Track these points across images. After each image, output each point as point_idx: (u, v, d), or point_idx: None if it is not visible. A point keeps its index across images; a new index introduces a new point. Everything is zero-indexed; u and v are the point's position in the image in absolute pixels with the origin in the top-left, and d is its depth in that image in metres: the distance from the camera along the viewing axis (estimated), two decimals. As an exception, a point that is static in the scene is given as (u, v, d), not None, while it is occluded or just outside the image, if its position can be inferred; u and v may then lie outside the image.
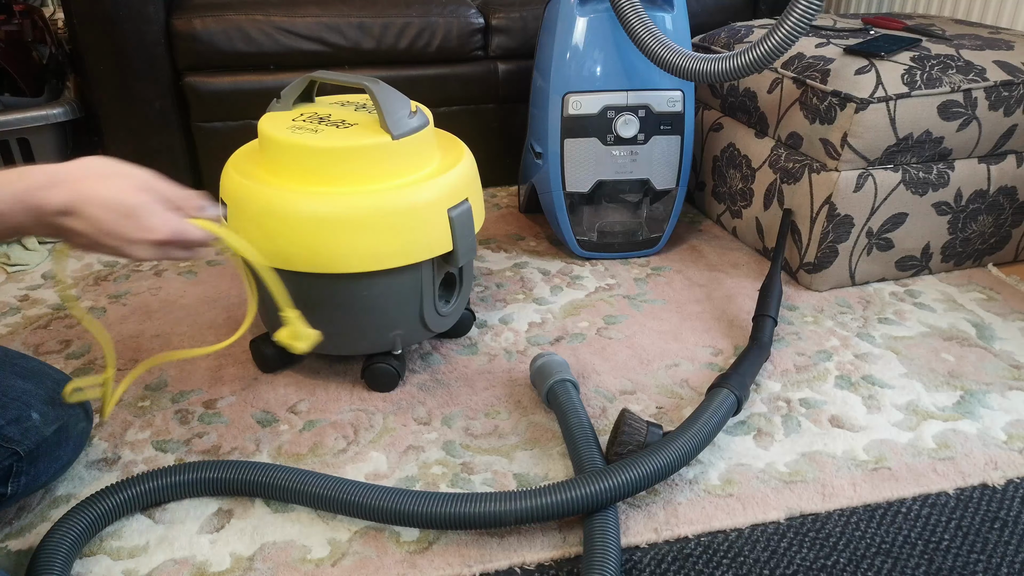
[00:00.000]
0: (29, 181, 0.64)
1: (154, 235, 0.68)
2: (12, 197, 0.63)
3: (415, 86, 1.55)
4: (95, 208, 0.65)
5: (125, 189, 0.67)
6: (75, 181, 0.65)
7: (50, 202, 0.64)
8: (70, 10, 1.41)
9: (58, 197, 0.64)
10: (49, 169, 0.65)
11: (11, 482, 0.77)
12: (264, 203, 0.91)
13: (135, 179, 0.68)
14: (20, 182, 0.63)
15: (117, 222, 0.66)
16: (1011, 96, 1.21)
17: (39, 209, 0.64)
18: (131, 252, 0.68)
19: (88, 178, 0.66)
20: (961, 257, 1.35)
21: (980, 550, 0.79)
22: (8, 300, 1.26)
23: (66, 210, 0.64)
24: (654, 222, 1.41)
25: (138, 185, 0.68)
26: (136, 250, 0.68)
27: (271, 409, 1.00)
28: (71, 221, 0.65)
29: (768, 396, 1.03)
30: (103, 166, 0.68)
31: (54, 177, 0.65)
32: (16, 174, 0.64)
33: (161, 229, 0.68)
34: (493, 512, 0.77)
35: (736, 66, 1.11)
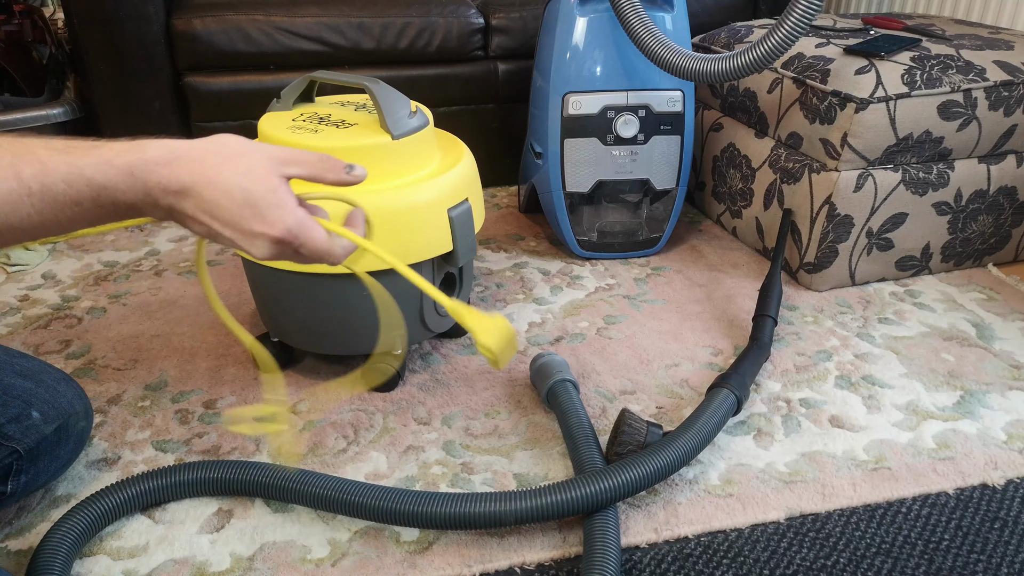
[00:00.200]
0: (146, 154, 0.55)
1: (273, 231, 0.58)
2: (126, 170, 0.54)
3: (415, 86, 1.55)
4: (214, 192, 0.56)
5: (250, 171, 0.57)
6: (197, 160, 0.56)
7: (166, 180, 0.55)
8: (70, 10, 1.41)
9: (175, 176, 0.55)
10: (170, 144, 0.57)
11: (11, 481, 0.77)
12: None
13: (265, 158, 0.59)
14: (135, 154, 0.55)
15: (236, 211, 0.57)
16: (1011, 96, 1.21)
17: (154, 187, 0.55)
18: (249, 248, 0.59)
19: (209, 157, 0.57)
20: (961, 257, 1.35)
21: (980, 550, 0.79)
22: (8, 300, 1.26)
23: (182, 191, 0.56)
24: (654, 222, 1.41)
25: (268, 166, 0.58)
26: (254, 247, 0.59)
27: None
28: (186, 204, 0.56)
29: (768, 396, 1.03)
30: (231, 143, 0.59)
31: (174, 152, 0.56)
32: (133, 146, 0.56)
33: (280, 224, 0.58)
34: (493, 512, 0.76)
35: (736, 66, 1.11)
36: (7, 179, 0.51)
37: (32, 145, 0.53)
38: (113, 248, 1.45)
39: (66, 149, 0.53)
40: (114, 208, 0.56)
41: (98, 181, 0.54)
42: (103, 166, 0.54)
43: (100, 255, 1.42)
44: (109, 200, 0.55)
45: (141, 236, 1.50)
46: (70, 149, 0.54)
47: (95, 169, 0.53)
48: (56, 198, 0.53)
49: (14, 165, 0.51)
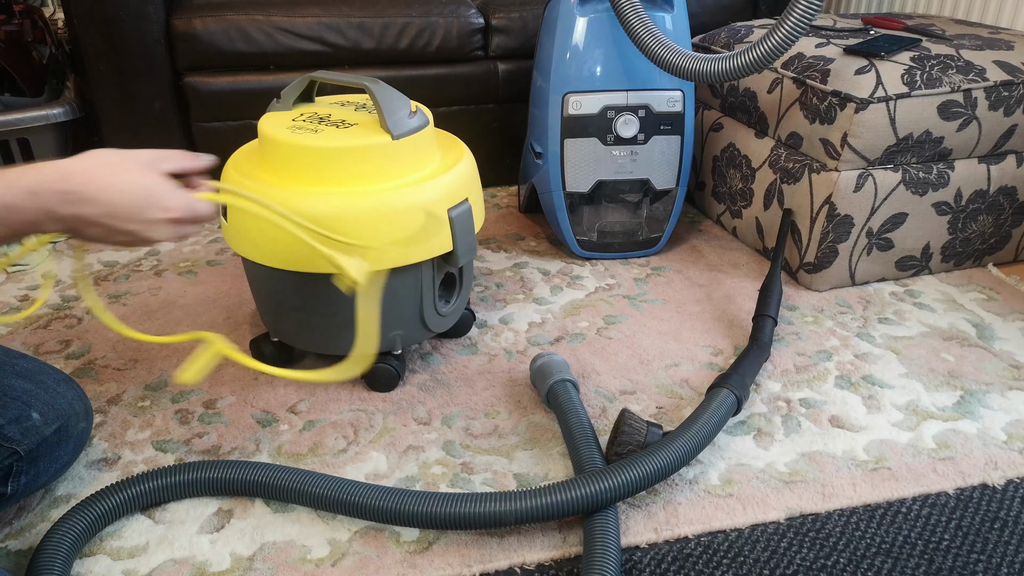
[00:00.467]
0: (42, 174, 0.63)
1: (170, 214, 0.68)
2: (25, 191, 0.62)
3: (415, 86, 1.55)
4: (111, 194, 0.65)
5: (134, 172, 0.67)
6: (86, 172, 0.65)
7: (64, 194, 0.64)
8: (70, 10, 1.41)
9: (72, 188, 0.64)
10: (59, 163, 0.65)
11: (11, 482, 0.77)
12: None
13: (141, 162, 0.69)
14: (31, 176, 0.63)
15: (133, 206, 0.66)
16: (1011, 96, 1.21)
17: (54, 201, 0.63)
18: (150, 235, 0.68)
19: (97, 168, 0.66)
20: (961, 257, 1.35)
21: (980, 550, 0.79)
22: (8, 300, 1.26)
23: (80, 200, 0.64)
24: (654, 222, 1.41)
25: (145, 166, 0.69)
26: (155, 232, 0.68)
27: (271, 409, 1.00)
28: (87, 211, 0.65)
29: (768, 396, 1.03)
30: (109, 155, 0.68)
31: (65, 170, 0.64)
32: (26, 169, 0.64)
33: (176, 207, 0.69)
34: (493, 512, 0.77)
35: (736, 66, 1.11)
36: None
37: None
38: (113, 248, 1.45)
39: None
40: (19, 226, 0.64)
41: (6, 202, 0.62)
42: (8, 188, 0.62)
43: (100, 255, 1.42)
44: (16, 219, 0.63)
45: (141, 236, 1.50)
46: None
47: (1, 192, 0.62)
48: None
49: None
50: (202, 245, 1.46)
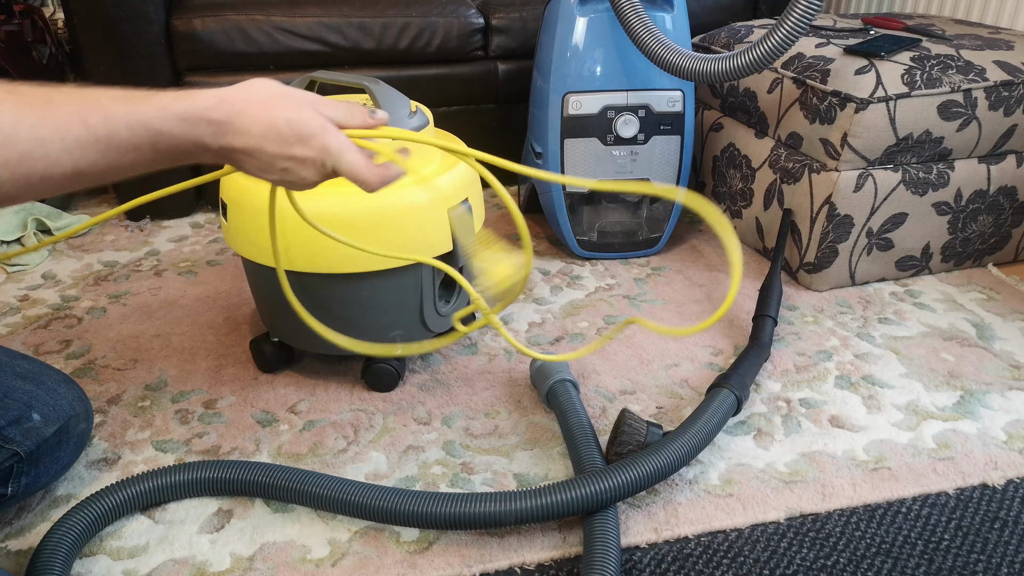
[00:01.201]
0: (196, 101, 0.60)
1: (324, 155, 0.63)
2: (180, 115, 0.59)
3: (415, 86, 1.55)
4: (261, 127, 0.61)
5: (294, 108, 0.63)
6: (242, 100, 0.61)
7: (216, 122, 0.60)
8: (70, 10, 1.41)
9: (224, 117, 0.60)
10: (217, 91, 0.61)
11: (12, 483, 0.77)
12: (264, 203, 0.91)
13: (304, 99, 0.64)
14: (187, 100, 0.59)
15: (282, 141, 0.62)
16: (1011, 96, 1.21)
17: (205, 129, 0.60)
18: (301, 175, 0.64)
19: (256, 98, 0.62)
20: (961, 257, 1.35)
21: (980, 550, 0.79)
22: (8, 300, 1.26)
23: (231, 130, 0.61)
24: (654, 222, 1.41)
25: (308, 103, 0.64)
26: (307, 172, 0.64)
27: (271, 409, 1.00)
28: (236, 141, 0.61)
29: (768, 396, 1.03)
30: (271, 86, 0.64)
31: (220, 97, 0.61)
32: (184, 94, 0.60)
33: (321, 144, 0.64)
34: (493, 512, 0.76)
35: (736, 66, 1.11)
36: (76, 126, 0.54)
37: (96, 95, 0.56)
38: (113, 248, 1.45)
39: (126, 98, 0.57)
40: (169, 153, 0.60)
41: (155, 127, 0.58)
42: (160, 112, 0.58)
43: (100, 255, 1.42)
44: (165, 145, 0.59)
45: (141, 236, 1.50)
46: (129, 98, 0.57)
47: (153, 115, 0.57)
48: (119, 144, 0.56)
49: (81, 113, 0.55)
50: (202, 245, 1.46)
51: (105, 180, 0.58)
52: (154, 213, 1.56)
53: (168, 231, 1.52)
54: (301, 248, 0.91)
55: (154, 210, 1.55)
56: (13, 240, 1.42)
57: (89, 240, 1.48)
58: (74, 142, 0.54)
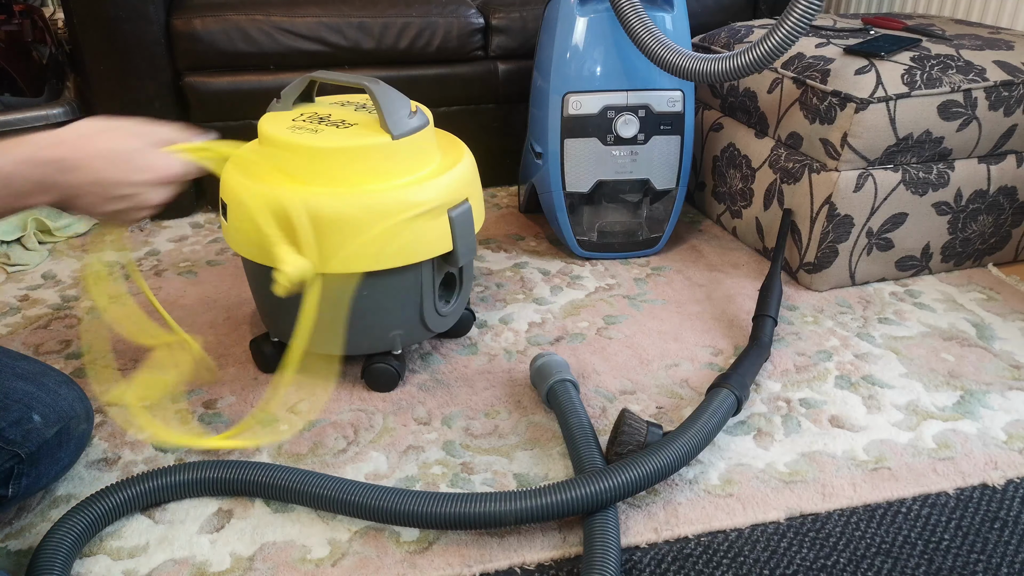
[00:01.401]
0: (35, 144, 0.66)
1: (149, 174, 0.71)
2: (22, 160, 0.64)
3: (415, 86, 1.55)
4: (96, 160, 0.68)
5: (120, 138, 0.70)
6: (75, 139, 0.68)
7: (57, 160, 0.66)
8: (70, 10, 1.41)
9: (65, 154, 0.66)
10: (53, 132, 0.67)
11: (12, 484, 0.77)
12: (264, 203, 0.91)
13: (126, 128, 0.72)
14: (26, 145, 0.65)
15: (116, 169, 0.69)
16: (1011, 96, 1.21)
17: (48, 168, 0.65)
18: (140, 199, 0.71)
19: (86, 136, 0.69)
20: (961, 257, 1.35)
21: (980, 550, 0.79)
22: (8, 300, 1.26)
23: (72, 167, 0.66)
24: (654, 222, 1.41)
25: (132, 133, 0.72)
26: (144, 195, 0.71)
27: (271, 410, 1.00)
28: (78, 177, 0.67)
29: (768, 396, 1.03)
30: (96, 124, 0.71)
31: (57, 137, 0.67)
32: (21, 139, 0.66)
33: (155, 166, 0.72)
34: (493, 512, 0.77)
35: (736, 66, 1.11)
36: None
37: None
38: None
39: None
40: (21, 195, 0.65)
41: (7, 171, 0.63)
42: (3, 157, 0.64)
43: (100, 255, 1.42)
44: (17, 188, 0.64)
45: (141, 236, 1.50)
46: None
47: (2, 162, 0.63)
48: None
49: None
50: (202, 245, 1.46)
51: None
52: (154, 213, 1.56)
53: (168, 231, 1.52)
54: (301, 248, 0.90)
55: (154, 210, 1.55)
56: (13, 240, 1.42)
57: (89, 240, 1.48)
58: None
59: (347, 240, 0.90)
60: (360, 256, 0.91)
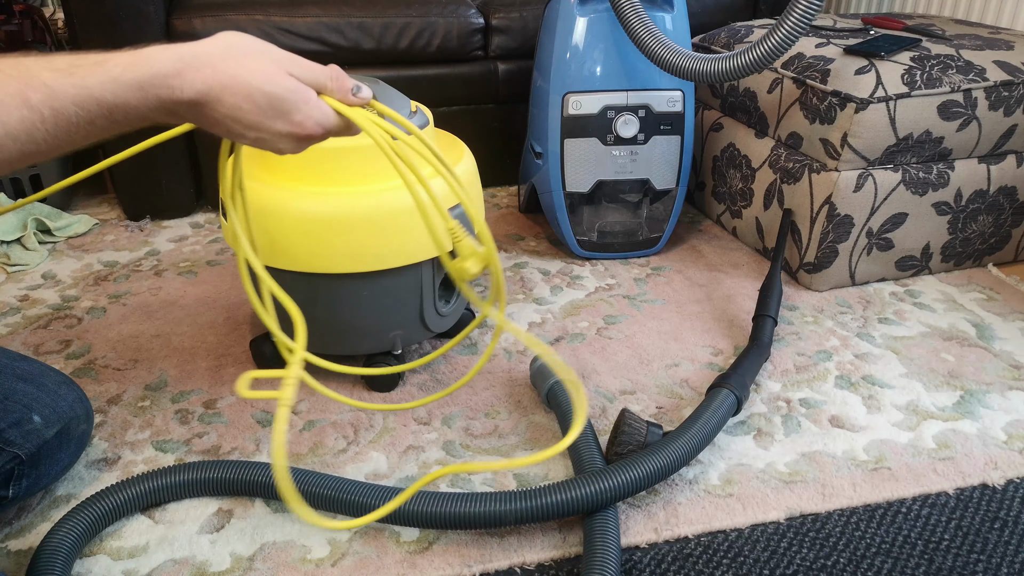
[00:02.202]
0: (153, 67, 0.54)
1: (301, 129, 0.59)
2: (135, 85, 0.53)
3: (415, 86, 1.55)
4: (234, 97, 0.56)
5: (271, 74, 0.57)
6: (210, 65, 0.55)
7: (183, 92, 0.54)
8: (70, 10, 1.41)
9: (189, 86, 0.55)
10: (176, 51, 0.55)
11: (12, 485, 0.77)
12: (264, 203, 0.91)
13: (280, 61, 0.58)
14: (142, 68, 0.53)
15: (260, 113, 0.57)
16: (1011, 96, 1.21)
17: (167, 99, 0.54)
18: (277, 145, 0.60)
19: (226, 60, 0.56)
20: (961, 257, 1.35)
21: (980, 550, 0.79)
22: (8, 300, 1.26)
23: (198, 100, 0.55)
24: (654, 222, 1.41)
25: (285, 68, 0.58)
26: (281, 143, 0.60)
27: (271, 409, 1.00)
28: (206, 111, 0.56)
29: (768, 396, 1.03)
30: (242, 45, 0.57)
31: (182, 60, 0.55)
32: (138, 58, 0.54)
33: (307, 124, 0.59)
34: (493, 512, 0.77)
35: (736, 66, 1.11)
36: (18, 107, 0.49)
37: (35, 68, 0.51)
38: (113, 248, 1.45)
39: (70, 70, 0.52)
40: (128, 121, 0.55)
41: (108, 100, 0.52)
42: (111, 84, 0.52)
43: (100, 255, 1.42)
44: (122, 116, 0.54)
45: (141, 236, 1.50)
46: (74, 69, 0.52)
47: (103, 88, 0.52)
48: (69, 120, 0.52)
49: (22, 92, 0.50)
50: (202, 245, 1.46)
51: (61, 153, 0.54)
52: (154, 213, 1.56)
53: (168, 231, 1.52)
54: (302, 248, 0.91)
55: (154, 210, 1.55)
56: (13, 240, 1.42)
57: (89, 240, 1.48)
58: (18, 125, 0.49)
59: (347, 240, 0.90)
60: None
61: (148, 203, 1.54)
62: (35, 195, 0.84)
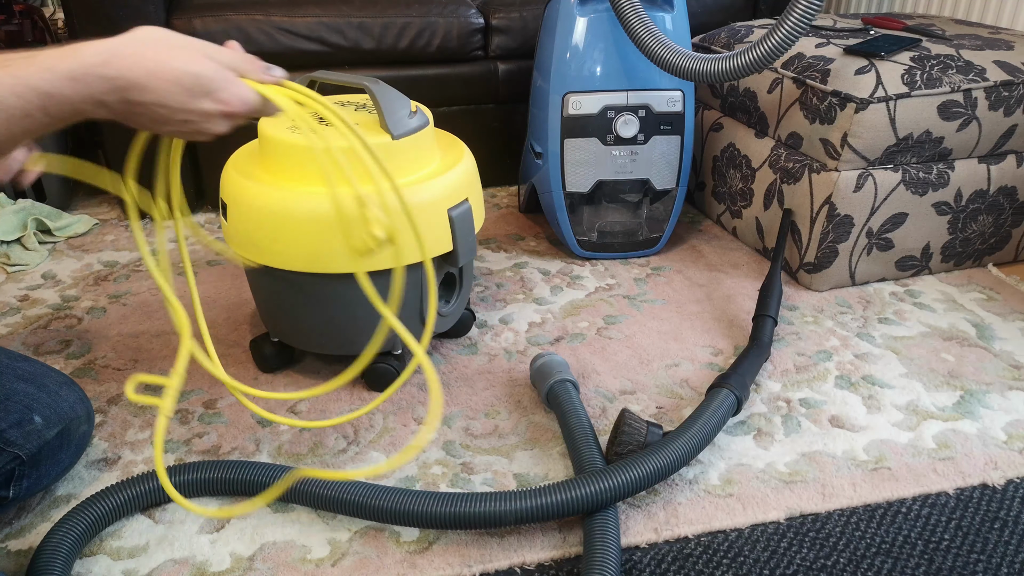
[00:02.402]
0: (84, 58, 0.56)
1: (224, 107, 0.62)
2: (68, 75, 0.55)
3: (415, 86, 1.55)
4: (163, 83, 0.58)
5: (193, 59, 0.60)
6: (136, 54, 0.58)
7: (113, 81, 0.57)
8: (70, 10, 1.41)
9: (119, 74, 0.57)
10: (103, 44, 0.57)
11: (13, 485, 0.77)
12: (264, 203, 0.91)
13: (195, 47, 0.61)
14: (73, 59, 0.56)
15: (190, 96, 0.60)
16: (1011, 96, 1.21)
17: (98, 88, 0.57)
18: (206, 127, 0.63)
19: (149, 49, 0.59)
20: (961, 257, 1.35)
21: (980, 550, 0.79)
22: (8, 300, 1.26)
23: (129, 86, 0.57)
24: (654, 222, 1.41)
25: (200, 52, 0.61)
26: (210, 124, 0.63)
27: (271, 409, 1.00)
28: (137, 96, 0.58)
29: (768, 396, 1.03)
30: (162, 36, 0.60)
31: (110, 51, 0.57)
32: (68, 51, 0.56)
33: (233, 102, 0.62)
34: (493, 512, 0.77)
35: (736, 66, 1.11)
36: None
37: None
38: (113, 248, 1.45)
39: (3, 64, 0.54)
40: (62, 114, 0.57)
41: (44, 89, 0.55)
42: (47, 74, 0.55)
43: (100, 255, 1.42)
44: (56, 107, 0.56)
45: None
46: (7, 63, 0.54)
47: (40, 78, 0.55)
48: (7, 112, 0.54)
49: None
50: (202, 245, 1.46)
51: (1, 150, 0.56)
52: (154, 213, 1.56)
53: (168, 231, 1.52)
54: (302, 248, 0.91)
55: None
56: (13, 240, 1.42)
57: (89, 240, 1.48)
58: None
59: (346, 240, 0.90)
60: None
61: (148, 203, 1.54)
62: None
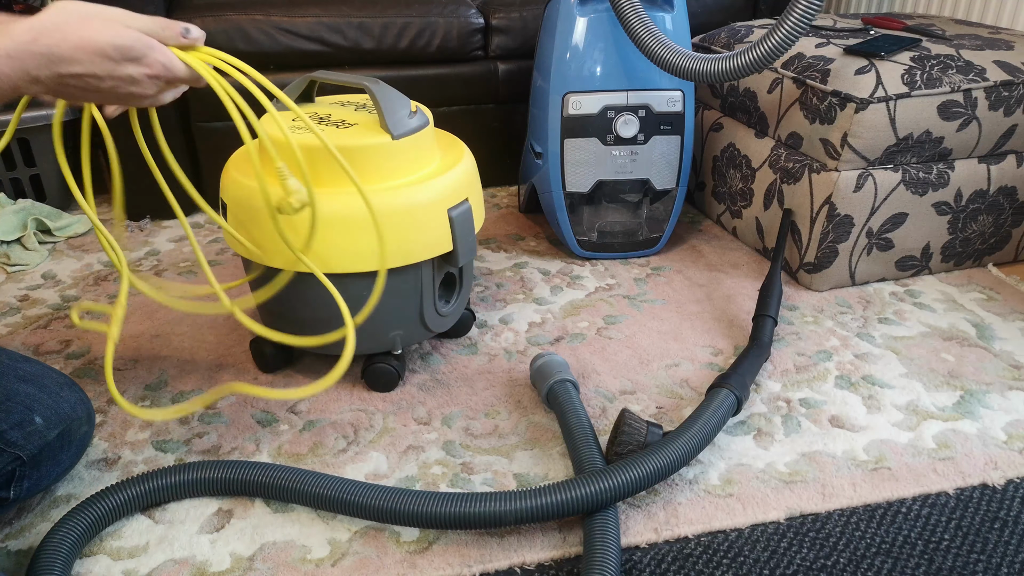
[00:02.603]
0: (15, 36, 0.60)
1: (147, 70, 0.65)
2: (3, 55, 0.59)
3: (415, 86, 1.55)
4: (89, 54, 0.62)
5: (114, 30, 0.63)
6: (60, 29, 0.61)
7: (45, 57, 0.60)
8: (70, 10, 1.41)
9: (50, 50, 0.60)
10: (29, 22, 0.61)
11: (14, 486, 0.77)
12: (264, 203, 0.90)
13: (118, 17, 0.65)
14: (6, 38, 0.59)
15: (115, 64, 0.63)
16: (1011, 96, 1.21)
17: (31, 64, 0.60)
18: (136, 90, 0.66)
19: (73, 23, 0.62)
20: (961, 257, 1.35)
21: (980, 550, 0.80)
22: (8, 300, 1.26)
23: (57, 60, 0.61)
24: (654, 222, 1.41)
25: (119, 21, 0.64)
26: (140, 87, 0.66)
27: (271, 409, 1.00)
28: (66, 68, 0.62)
29: (768, 396, 1.03)
30: (81, 8, 0.64)
31: (35, 29, 0.61)
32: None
33: (153, 62, 0.66)
34: (493, 512, 0.77)
35: (736, 66, 1.11)
36: None
37: None
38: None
39: None
40: (8, 91, 0.61)
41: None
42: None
43: (100, 255, 1.42)
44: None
45: (141, 236, 1.50)
46: None
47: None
48: None
49: None
50: (202, 245, 1.46)
51: None
52: (154, 213, 1.56)
53: (168, 231, 1.52)
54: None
55: (154, 210, 1.55)
56: (13, 240, 1.42)
57: (89, 240, 1.48)
58: None
59: (346, 240, 0.90)
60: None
61: (148, 203, 1.54)
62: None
